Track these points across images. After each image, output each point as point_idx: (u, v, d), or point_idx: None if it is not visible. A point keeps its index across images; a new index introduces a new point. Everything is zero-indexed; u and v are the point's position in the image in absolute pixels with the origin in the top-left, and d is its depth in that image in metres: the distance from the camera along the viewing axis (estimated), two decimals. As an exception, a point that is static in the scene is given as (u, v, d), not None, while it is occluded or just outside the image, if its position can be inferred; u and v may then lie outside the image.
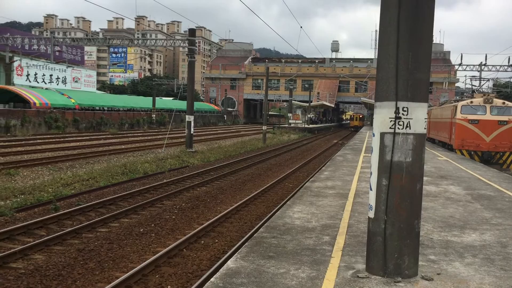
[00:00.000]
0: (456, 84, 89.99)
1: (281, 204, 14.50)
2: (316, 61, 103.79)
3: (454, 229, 8.44)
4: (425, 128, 5.74)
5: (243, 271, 5.77)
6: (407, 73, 5.54)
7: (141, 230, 11.72)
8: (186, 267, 9.13)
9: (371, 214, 5.82)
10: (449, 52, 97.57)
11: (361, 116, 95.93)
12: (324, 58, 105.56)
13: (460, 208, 10.55)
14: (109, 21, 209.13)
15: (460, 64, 50.78)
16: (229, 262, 6.13)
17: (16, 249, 9.53)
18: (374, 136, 5.83)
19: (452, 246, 7.32)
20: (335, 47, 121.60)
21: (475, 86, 38.42)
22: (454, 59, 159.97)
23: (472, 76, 48.08)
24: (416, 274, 5.78)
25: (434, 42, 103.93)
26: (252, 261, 6.17)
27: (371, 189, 5.85)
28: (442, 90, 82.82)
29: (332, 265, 6.17)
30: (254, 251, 6.61)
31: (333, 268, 6.02)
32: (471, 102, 26.90)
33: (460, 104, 27.28)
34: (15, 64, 58.55)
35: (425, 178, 15.07)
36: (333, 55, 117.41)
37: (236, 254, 6.50)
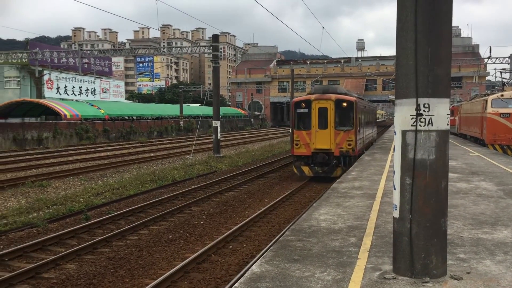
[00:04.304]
0: (487, 78, 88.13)
1: (309, 206, 14.41)
2: (342, 61, 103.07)
3: (485, 226, 8.24)
4: (448, 124, 5.63)
5: (267, 275, 5.74)
6: (427, 69, 5.44)
7: (170, 236, 11.82)
8: (214, 272, 9.16)
9: (396, 214, 5.72)
10: (478, 45, 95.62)
11: (345, 105, 19.67)
12: (350, 58, 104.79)
13: (492, 204, 10.30)
14: (135, 31, 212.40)
15: (489, 57, 49.73)
16: (253, 266, 6.11)
17: (48, 259, 9.73)
18: (395, 134, 5.74)
19: (482, 243, 7.14)
20: (360, 46, 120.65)
21: (505, 79, 37.54)
22: (483, 52, 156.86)
23: (502, 69, 47.04)
24: (445, 273, 5.66)
25: (462, 36, 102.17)
26: (277, 265, 6.14)
27: (395, 189, 5.76)
28: (472, 84, 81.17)
29: (359, 266, 6.09)
30: (279, 255, 6.59)
31: (359, 270, 5.94)
32: (502, 95, 26.29)
33: (490, 98, 26.69)
34: (45, 77, 59.92)
35: (455, 175, 14.80)
36: (359, 54, 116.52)
37: (261, 258, 6.49)
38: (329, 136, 19.40)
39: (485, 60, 54.36)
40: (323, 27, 34.70)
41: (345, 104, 19.48)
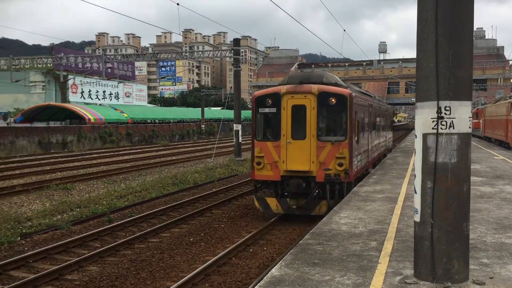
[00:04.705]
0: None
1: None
2: (364, 63, 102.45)
3: (509, 231, 8.09)
4: (470, 127, 5.55)
5: (287, 279, 5.74)
6: (448, 72, 5.38)
7: (191, 239, 11.89)
8: (235, 275, 9.18)
9: (417, 218, 5.66)
10: (502, 47, 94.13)
11: (334, 102, 13.12)
12: (372, 60, 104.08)
13: (517, 208, 10.11)
14: (157, 36, 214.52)
15: (514, 59, 48.85)
16: (273, 270, 6.11)
17: (72, 261, 9.88)
18: (416, 137, 5.69)
19: (506, 248, 7.01)
20: (382, 48, 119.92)
21: (531, 80, 36.88)
22: (508, 54, 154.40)
23: (528, 71, 46.21)
24: (467, 278, 5.58)
25: (486, 37, 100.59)
26: (297, 269, 6.13)
27: (416, 192, 5.70)
28: (497, 87, 79.81)
29: (379, 271, 6.04)
30: (298, 258, 6.58)
31: (379, 274, 5.90)
32: (528, 97, 25.80)
33: (515, 100, 26.22)
34: (70, 82, 60.97)
35: (479, 179, 14.58)
36: (381, 57, 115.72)
37: (280, 261, 6.49)
38: (309, 150, 12.91)
39: (510, 62, 53.48)
40: (344, 30, 34.59)
41: (333, 99, 12.94)
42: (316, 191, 12.83)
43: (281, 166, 13.08)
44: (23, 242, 11.82)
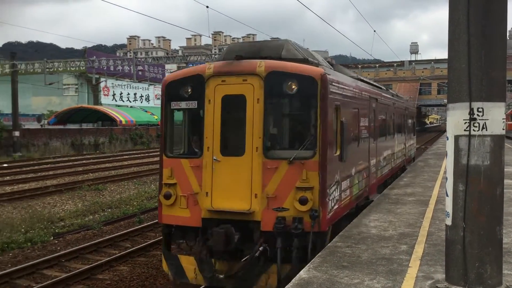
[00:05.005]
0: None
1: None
2: (395, 64, 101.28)
3: (545, 236, 7.86)
4: (503, 129, 5.42)
5: (315, 281, 5.70)
6: (481, 72, 5.27)
7: (220, 241, 11.91)
8: (263, 277, 9.15)
9: (449, 222, 5.55)
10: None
11: (295, 88, 7.67)
12: (403, 61, 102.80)
13: (553, 212, 9.80)
14: (187, 38, 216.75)
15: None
16: (301, 272, 6.08)
17: (103, 261, 10.06)
18: (448, 139, 5.58)
19: (542, 253, 6.81)
20: (414, 49, 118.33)
21: None
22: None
23: None
24: (501, 283, 5.43)
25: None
26: (325, 271, 6.09)
27: (447, 195, 5.60)
28: (533, 87, 77.76)
29: (409, 275, 5.95)
30: (327, 261, 6.53)
31: (410, 278, 5.81)
32: None
33: (552, 101, 25.50)
34: (102, 85, 61.97)
35: (514, 182, 14.22)
36: (412, 57, 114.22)
37: (309, 264, 6.45)
38: (249, 175, 7.70)
39: (547, 61, 52.05)
40: (374, 31, 34.22)
41: (294, 85, 7.73)
42: (261, 248, 7.49)
43: (203, 202, 7.85)
44: (56, 241, 12.08)
